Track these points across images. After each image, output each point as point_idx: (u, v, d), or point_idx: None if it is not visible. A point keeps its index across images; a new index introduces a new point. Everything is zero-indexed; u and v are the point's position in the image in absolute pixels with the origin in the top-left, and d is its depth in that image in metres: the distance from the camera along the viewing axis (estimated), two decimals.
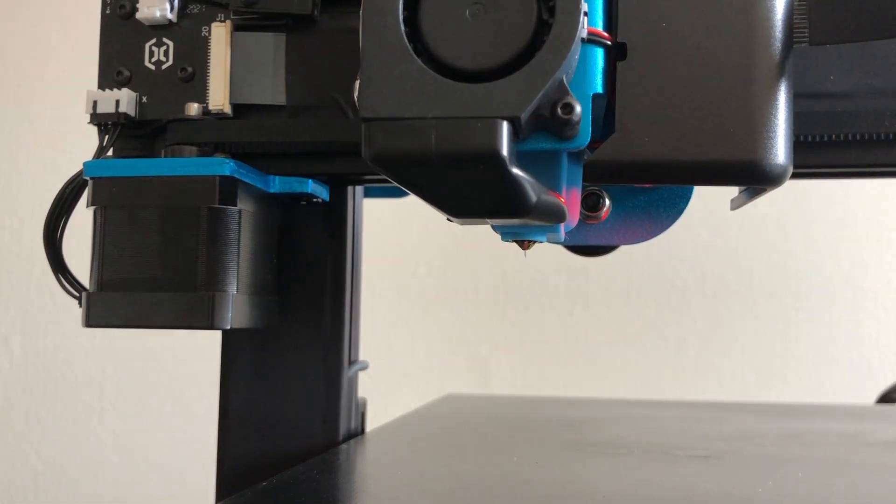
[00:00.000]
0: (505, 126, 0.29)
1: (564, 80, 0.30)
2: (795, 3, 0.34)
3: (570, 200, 0.34)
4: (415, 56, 0.30)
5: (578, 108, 0.30)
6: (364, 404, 0.54)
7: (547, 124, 0.30)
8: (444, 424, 0.64)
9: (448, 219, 0.34)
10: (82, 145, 0.44)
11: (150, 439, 1.18)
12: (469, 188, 0.31)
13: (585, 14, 0.30)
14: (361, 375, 0.53)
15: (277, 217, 0.47)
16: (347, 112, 0.42)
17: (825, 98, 0.39)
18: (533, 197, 0.31)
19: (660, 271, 1.11)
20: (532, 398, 0.85)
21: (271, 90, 0.43)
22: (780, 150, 0.32)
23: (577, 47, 0.29)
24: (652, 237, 0.40)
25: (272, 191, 0.44)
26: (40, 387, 1.21)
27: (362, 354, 0.53)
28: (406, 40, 0.30)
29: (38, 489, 1.20)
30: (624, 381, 1.12)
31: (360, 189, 0.52)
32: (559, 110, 0.30)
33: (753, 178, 0.32)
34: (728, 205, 0.41)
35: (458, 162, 0.29)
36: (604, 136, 0.33)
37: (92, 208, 0.42)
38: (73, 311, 0.43)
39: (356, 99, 0.31)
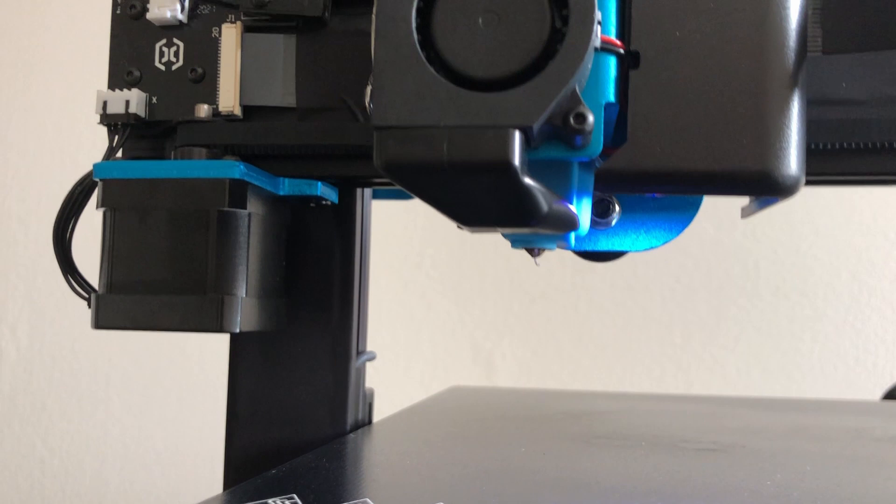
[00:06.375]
0: (517, 136, 0.29)
1: (577, 89, 0.30)
2: (809, 12, 0.34)
3: (581, 208, 0.34)
4: (427, 64, 0.29)
5: (591, 118, 0.29)
6: (371, 395, 0.54)
7: (559, 133, 0.30)
8: (451, 415, 0.64)
9: (458, 226, 0.34)
10: (90, 135, 0.43)
11: (156, 428, 1.18)
12: (480, 197, 0.31)
13: (599, 23, 0.30)
14: (367, 367, 0.53)
15: (286, 218, 0.47)
16: (357, 115, 0.42)
17: (836, 105, 0.39)
18: (544, 206, 0.31)
19: (665, 266, 1.11)
20: (538, 391, 0.85)
21: (281, 92, 0.43)
22: (792, 161, 0.32)
23: (590, 57, 0.29)
24: (661, 244, 0.40)
25: (281, 193, 0.44)
26: (47, 375, 1.21)
27: (368, 347, 0.53)
28: (419, 48, 0.30)
29: (45, 477, 1.20)
30: (629, 376, 1.12)
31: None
32: (572, 120, 0.29)
33: (766, 188, 0.32)
34: (733, 200, 0.41)
35: (469, 171, 0.29)
36: (615, 143, 0.33)
37: (101, 210, 0.42)
38: (80, 301, 0.43)
39: (368, 104, 0.31)
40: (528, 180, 0.29)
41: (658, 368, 1.12)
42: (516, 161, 0.29)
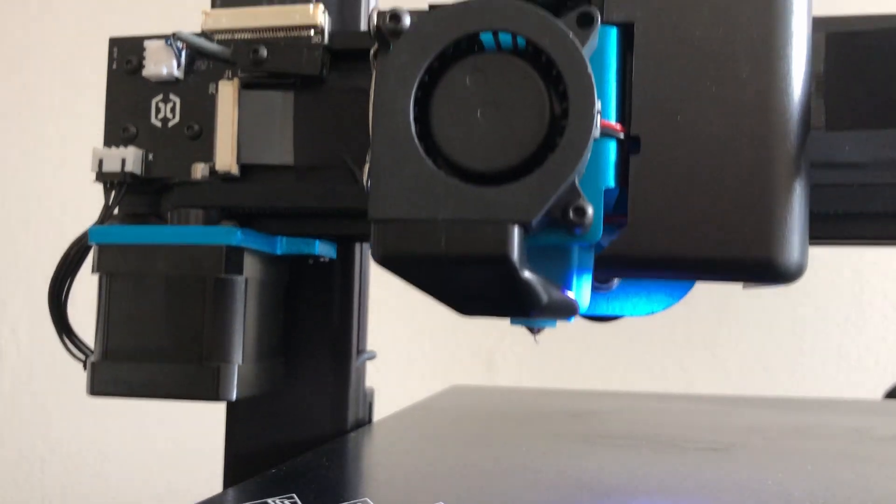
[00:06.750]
0: (516, 231, 0.28)
1: (576, 180, 0.29)
2: (812, 87, 0.33)
3: (581, 286, 0.33)
4: (425, 156, 0.29)
5: (591, 212, 0.29)
6: (372, 394, 0.54)
7: (558, 222, 0.30)
8: (451, 415, 0.63)
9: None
10: (90, 136, 0.43)
11: (156, 427, 1.18)
12: (478, 289, 0.31)
13: (599, 112, 0.29)
14: (368, 366, 0.53)
15: (284, 277, 0.46)
16: (356, 173, 0.41)
17: (839, 169, 0.39)
18: (544, 298, 0.30)
19: None
20: (539, 390, 0.85)
21: (279, 150, 0.42)
22: (795, 248, 0.31)
23: (590, 149, 0.29)
24: (662, 309, 0.40)
25: (279, 252, 0.43)
26: (47, 375, 1.21)
27: (369, 346, 0.53)
28: (416, 140, 0.29)
29: (45, 476, 1.21)
30: (629, 375, 1.12)
31: None
32: (571, 214, 0.29)
33: (769, 276, 0.32)
34: None
35: (467, 265, 0.29)
36: (615, 212, 0.33)
37: (97, 274, 0.42)
38: (79, 302, 0.43)
39: (365, 182, 0.31)
40: (527, 274, 0.29)
41: (659, 367, 1.12)
42: (515, 256, 0.28)
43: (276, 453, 0.48)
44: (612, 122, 0.31)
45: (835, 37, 0.34)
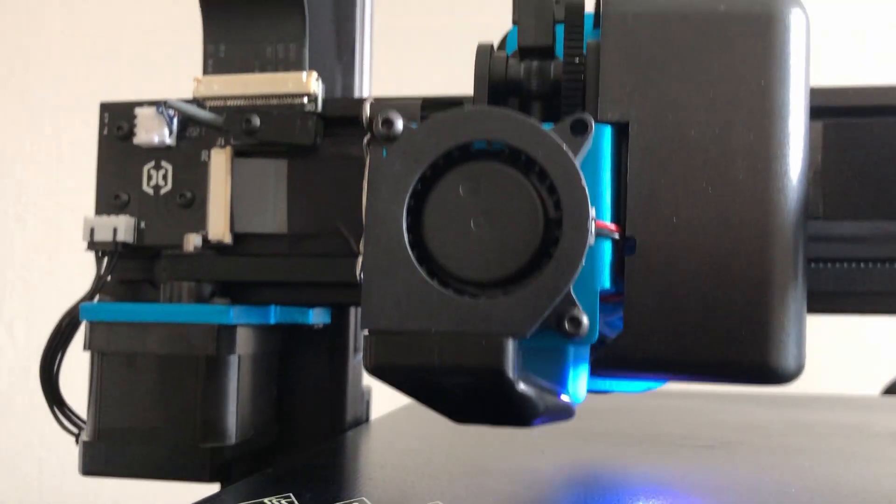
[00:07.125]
0: (510, 345, 0.28)
1: (571, 290, 0.29)
2: (810, 176, 0.33)
3: (577, 379, 0.33)
4: (418, 267, 0.28)
5: (586, 321, 0.29)
6: (369, 392, 0.54)
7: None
8: None
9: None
10: (85, 130, 0.42)
11: None
12: (473, 399, 0.30)
13: (593, 219, 0.29)
14: None
15: (277, 344, 0.46)
16: (351, 242, 0.41)
17: (837, 242, 0.38)
18: (540, 407, 0.30)
19: None
20: None
21: (272, 219, 0.42)
22: (792, 352, 0.31)
23: (584, 260, 0.28)
24: (658, 386, 0.39)
25: (272, 322, 0.43)
26: None
27: None
28: (409, 250, 0.29)
29: (42, 475, 1.21)
30: None
31: None
32: (566, 324, 0.29)
33: (765, 380, 0.31)
34: None
35: (461, 377, 0.28)
36: (615, 292, 0.32)
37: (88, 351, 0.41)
38: (76, 297, 0.43)
39: (358, 274, 0.30)
40: (522, 386, 0.29)
41: None
42: (510, 370, 0.28)
43: (273, 453, 0.48)
44: (608, 222, 0.31)
45: (832, 127, 0.34)
